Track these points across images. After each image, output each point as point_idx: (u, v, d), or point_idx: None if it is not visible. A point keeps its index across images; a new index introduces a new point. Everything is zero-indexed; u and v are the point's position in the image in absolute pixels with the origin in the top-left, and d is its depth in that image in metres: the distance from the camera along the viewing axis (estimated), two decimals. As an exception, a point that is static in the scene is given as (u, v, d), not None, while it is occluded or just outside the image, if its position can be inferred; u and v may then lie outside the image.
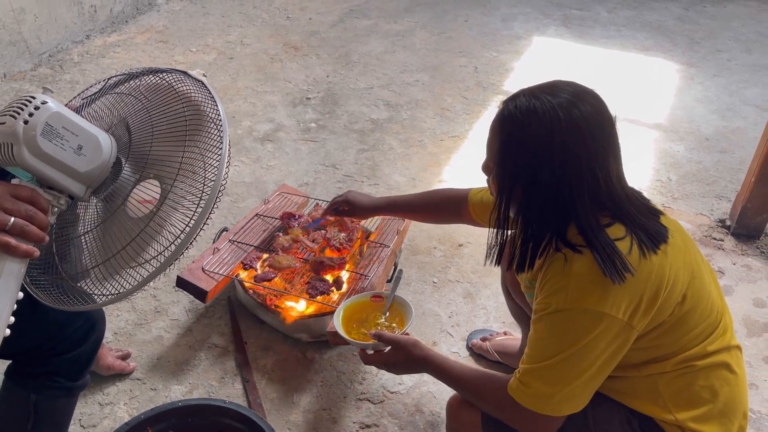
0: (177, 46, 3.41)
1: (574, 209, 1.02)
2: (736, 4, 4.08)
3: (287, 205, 2.05)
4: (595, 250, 1.00)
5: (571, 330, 1.02)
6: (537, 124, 1.00)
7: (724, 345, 1.12)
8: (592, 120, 1.00)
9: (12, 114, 0.90)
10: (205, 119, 1.08)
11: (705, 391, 1.09)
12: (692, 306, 1.06)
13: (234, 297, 1.92)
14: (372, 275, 1.75)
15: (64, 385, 1.31)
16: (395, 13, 3.87)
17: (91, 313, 1.32)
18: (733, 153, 2.65)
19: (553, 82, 1.07)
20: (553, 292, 1.04)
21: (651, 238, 1.03)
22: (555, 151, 1.00)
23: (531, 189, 1.04)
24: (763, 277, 2.09)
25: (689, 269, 1.07)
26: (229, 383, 1.71)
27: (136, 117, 1.11)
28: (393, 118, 2.88)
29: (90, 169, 0.99)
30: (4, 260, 0.90)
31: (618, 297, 0.99)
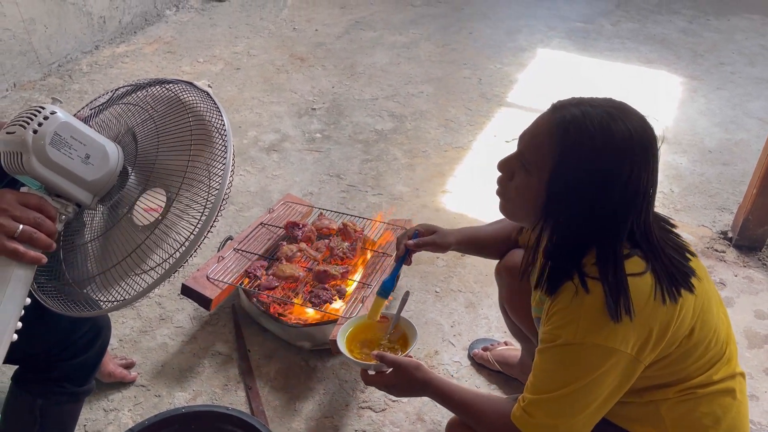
0: (185, 56, 3.45)
1: (606, 236, 1.00)
2: (739, 17, 4.10)
3: (292, 214, 2.07)
4: (606, 283, 0.98)
5: (579, 364, 1.01)
6: (612, 144, 0.97)
7: (728, 373, 1.11)
8: (654, 148, 0.99)
9: (21, 124, 0.92)
10: (210, 129, 1.09)
11: (707, 417, 1.09)
12: (699, 339, 1.06)
13: (238, 305, 1.94)
14: (374, 284, 1.77)
15: (70, 390, 1.32)
16: (400, 25, 3.91)
17: (97, 320, 1.33)
18: (736, 165, 2.66)
19: (618, 101, 1.04)
20: (563, 325, 1.02)
21: (674, 282, 1.00)
22: (623, 173, 0.96)
23: (585, 211, 1.00)
24: (764, 289, 2.09)
25: (699, 302, 1.05)
26: (233, 390, 1.73)
27: (142, 127, 1.13)
28: (397, 128, 2.91)
29: (97, 177, 1.01)
30: (12, 267, 0.92)
31: (627, 332, 0.98)
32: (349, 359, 1.32)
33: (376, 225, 2.03)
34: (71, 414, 1.39)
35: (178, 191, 1.06)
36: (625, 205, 0.98)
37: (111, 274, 1.10)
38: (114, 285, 1.10)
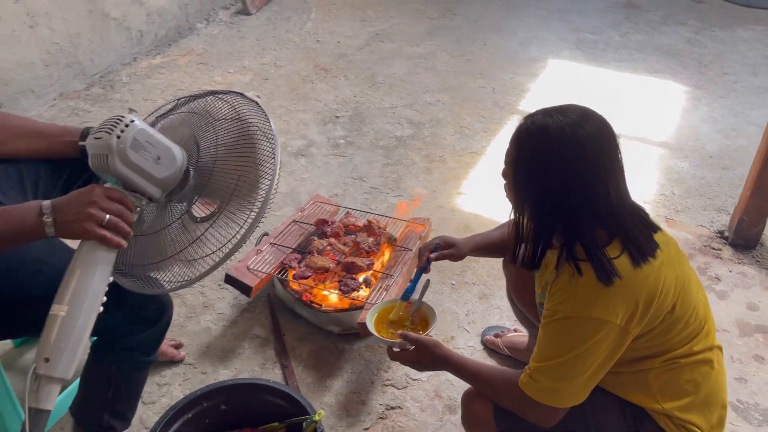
0: (216, 67, 3.68)
1: (579, 221, 1.18)
2: (744, 28, 4.25)
3: (321, 212, 2.28)
4: (594, 261, 1.16)
5: (576, 335, 1.18)
6: (547, 140, 1.16)
7: (707, 346, 1.29)
8: (596, 140, 1.15)
9: (107, 131, 1.10)
10: (259, 136, 1.26)
11: (689, 384, 1.26)
12: (680, 314, 1.22)
13: (273, 294, 2.15)
14: (397, 274, 1.97)
15: (139, 359, 1.49)
16: (418, 37, 4.11)
17: (162, 300, 1.47)
18: (735, 169, 2.83)
19: (568, 104, 1.22)
20: (562, 301, 1.20)
21: (639, 252, 1.17)
22: (561, 164, 1.15)
23: (540, 197, 1.20)
24: (756, 284, 2.26)
25: (680, 282, 1.22)
26: (270, 369, 1.93)
27: (202, 132, 1.30)
28: (416, 135, 3.10)
29: (166, 176, 1.17)
30: (101, 250, 1.09)
31: (617, 306, 1.15)
32: (377, 338, 1.51)
33: (397, 223, 2.23)
34: (139, 380, 1.56)
35: (231, 193, 1.23)
36: (575, 188, 1.15)
37: (173, 260, 1.28)
38: (173, 269, 1.28)
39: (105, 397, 1.49)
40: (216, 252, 1.28)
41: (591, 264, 1.17)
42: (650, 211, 2.46)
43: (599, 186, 1.16)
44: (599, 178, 1.16)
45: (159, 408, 1.81)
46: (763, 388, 1.88)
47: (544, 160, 1.17)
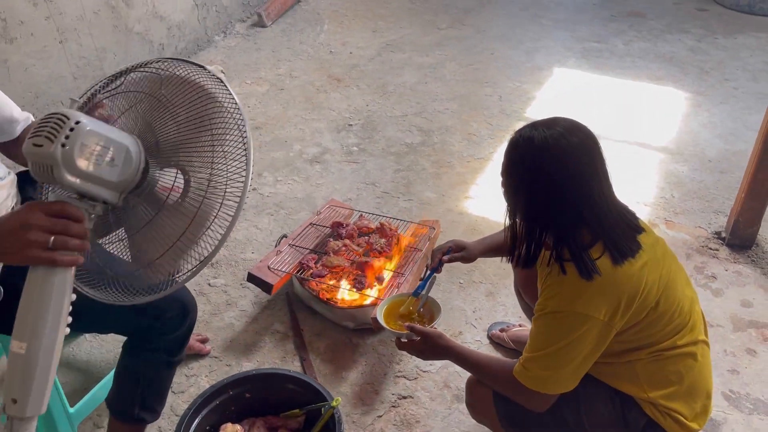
0: (234, 78, 3.84)
1: (564, 225, 1.30)
2: (746, 35, 4.35)
3: (336, 216, 2.42)
4: (576, 264, 1.28)
5: (562, 328, 1.31)
6: (532, 151, 1.28)
7: (692, 340, 1.40)
8: (578, 150, 1.27)
9: (48, 136, 0.94)
10: (223, 112, 1.13)
11: (673, 375, 1.38)
12: (664, 310, 1.34)
13: (292, 292, 2.29)
14: (407, 273, 2.10)
15: (166, 359, 1.58)
16: (427, 47, 4.25)
17: (185, 304, 1.53)
18: (733, 173, 2.93)
19: (554, 117, 1.34)
20: (550, 297, 1.33)
21: (620, 252, 1.29)
22: (546, 173, 1.28)
23: (528, 203, 1.34)
24: (751, 282, 2.37)
25: (664, 281, 1.34)
26: (290, 362, 2.07)
27: (157, 113, 1.14)
28: (425, 142, 3.24)
29: (122, 178, 1.04)
30: (53, 276, 0.98)
31: (599, 302, 1.28)
32: (386, 329, 1.64)
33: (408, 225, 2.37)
34: (167, 377, 1.66)
35: (210, 172, 1.09)
36: (558, 194, 1.27)
37: (170, 255, 1.13)
38: (173, 264, 1.14)
39: (135, 392, 1.59)
40: (199, 258, 1.16)
41: (574, 263, 1.29)
42: (650, 214, 2.62)
43: (582, 192, 1.27)
44: (582, 186, 1.27)
45: (187, 397, 1.95)
46: (754, 379, 1.99)
47: (531, 170, 1.30)
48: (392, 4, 4.94)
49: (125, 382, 1.63)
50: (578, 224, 1.31)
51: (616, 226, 1.32)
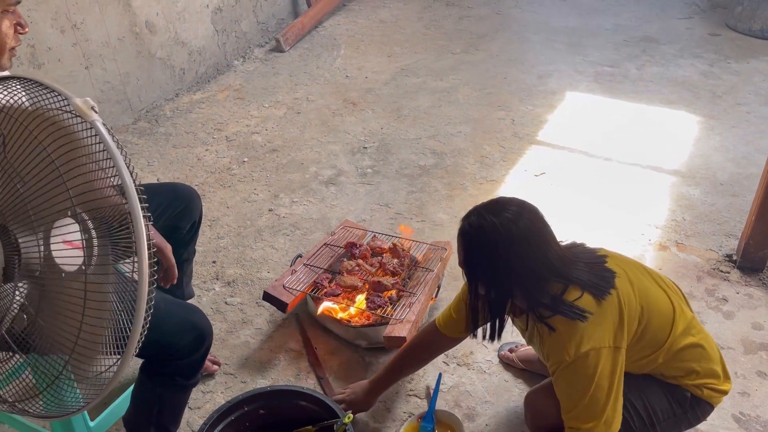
0: (252, 102, 3.94)
1: (530, 291, 1.39)
2: (759, 60, 4.38)
3: (350, 236, 2.48)
4: (560, 312, 1.38)
5: (584, 373, 1.39)
6: (484, 240, 1.37)
7: (685, 325, 1.51)
8: (526, 231, 1.36)
9: None
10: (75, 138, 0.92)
11: (693, 362, 1.53)
12: (650, 310, 1.45)
13: (304, 312, 2.33)
14: (419, 293, 2.15)
15: (181, 383, 1.62)
16: (441, 71, 4.33)
17: (202, 329, 1.58)
18: (745, 197, 2.95)
19: (498, 200, 1.44)
20: (556, 354, 1.41)
21: (599, 290, 1.40)
22: (499, 258, 1.37)
23: (488, 284, 1.43)
24: (762, 305, 2.38)
25: (636, 289, 1.45)
26: (303, 379, 2.11)
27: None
28: (438, 164, 3.30)
29: None
30: None
31: (601, 332, 1.38)
32: None
33: (420, 245, 2.42)
34: (181, 400, 1.72)
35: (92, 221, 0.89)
36: (518, 271, 1.37)
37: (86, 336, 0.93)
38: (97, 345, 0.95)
39: (151, 413, 1.64)
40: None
41: (559, 314, 1.38)
42: (661, 236, 2.66)
43: (538, 263, 1.37)
44: (537, 258, 1.37)
45: (203, 413, 2.00)
46: (764, 402, 1.99)
47: (488, 257, 1.39)
48: (407, 30, 5.04)
49: (141, 403, 1.68)
50: (544, 284, 1.40)
51: (581, 270, 1.42)
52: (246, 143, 3.51)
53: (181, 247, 1.91)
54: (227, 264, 2.62)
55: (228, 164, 3.32)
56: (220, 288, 2.50)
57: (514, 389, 2.06)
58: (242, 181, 3.18)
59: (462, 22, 5.19)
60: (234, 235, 2.80)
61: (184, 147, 3.48)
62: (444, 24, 5.15)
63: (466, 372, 2.13)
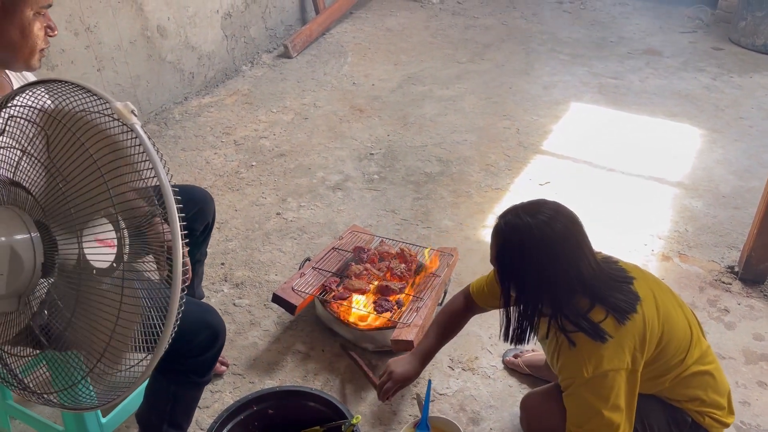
0: (260, 107, 3.98)
1: (558, 301, 1.40)
2: (761, 74, 4.43)
3: (357, 241, 2.51)
4: (583, 330, 1.39)
5: (598, 394, 1.40)
6: (518, 240, 1.39)
7: (701, 353, 1.52)
8: (562, 236, 1.37)
9: None
10: (121, 149, 0.93)
11: (699, 389, 1.52)
12: (669, 337, 1.46)
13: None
14: (426, 298, 2.18)
15: (194, 380, 1.65)
16: (447, 80, 4.38)
17: (215, 328, 1.60)
18: (747, 209, 2.99)
19: (537, 202, 1.44)
20: (574, 370, 1.42)
21: (621, 313, 1.40)
22: (533, 260, 1.38)
23: (519, 285, 1.44)
24: (764, 316, 2.41)
25: (661, 311, 1.46)
26: (310, 380, 2.14)
27: (35, 171, 0.97)
28: (444, 172, 3.34)
29: (13, 287, 0.88)
30: None
31: (621, 353, 1.39)
32: None
33: (427, 251, 2.45)
34: (194, 397, 1.75)
35: (123, 218, 0.92)
36: (549, 277, 1.37)
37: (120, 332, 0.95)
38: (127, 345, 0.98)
39: (164, 410, 1.67)
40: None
41: (581, 330, 1.39)
42: (664, 247, 2.69)
43: (571, 271, 1.37)
44: (570, 266, 1.37)
45: (212, 412, 2.03)
46: (764, 411, 2.03)
47: (521, 257, 1.40)
48: (413, 38, 5.09)
49: (155, 399, 1.70)
50: (572, 296, 1.40)
51: (610, 290, 1.42)
52: (254, 147, 3.55)
53: (194, 248, 1.95)
54: (236, 266, 2.66)
55: (236, 168, 3.36)
56: (228, 290, 2.53)
57: (518, 394, 2.09)
58: (250, 185, 3.21)
59: (468, 31, 5.24)
60: (242, 237, 2.83)
61: (193, 150, 3.52)
62: (450, 33, 5.21)
63: (471, 377, 2.16)
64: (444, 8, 5.74)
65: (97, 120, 0.88)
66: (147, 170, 0.86)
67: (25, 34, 1.32)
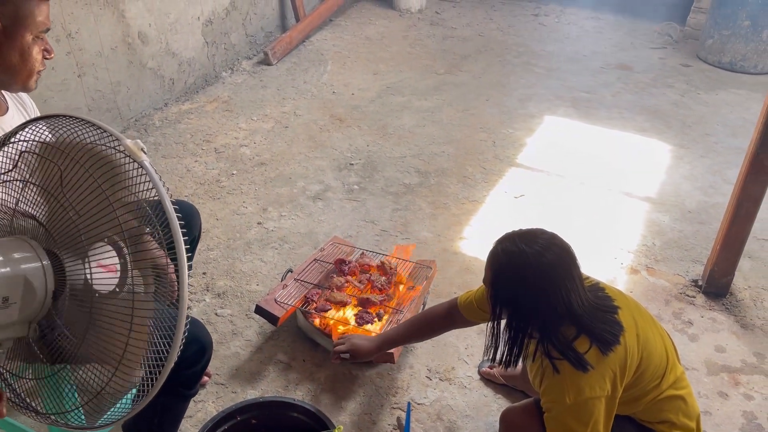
0: (240, 115, 4.01)
1: (546, 327, 1.47)
2: (727, 92, 4.61)
3: (339, 252, 2.57)
4: (567, 358, 1.46)
5: (578, 419, 1.47)
6: (514, 267, 1.46)
7: (675, 377, 1.60)
8: (554, 266, 1.43)
9: None
10: (118, 166, 0.97)
11: (670, 413, 1.59)
12: (647, 364, 1.54)
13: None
14: (406, 310, 2.25)
15: (182, 393, 1.68)
16: (426, 91, 4.46)
17: (203, 342, 1.62)
18: (711, 224, 3.12)
19: (534, 231, 1.51)
20: (556, 393, 1.48)
21: (605, 344, 1.47)
22: (526, 287, 1.46)
23: (510, 309, 1.51)
24: (725, 329, 2.53)
25: (641, 339, 1.54)
26: (292, 390, 2.19)
27: (48, 205, 1.00)
28: (422, 183, 3.41)
29: (26, 313, 0.91)
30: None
31: (601, 382, 1.46)
32: None
33: (407, 265, 2.52)
34: (181, 409, 1.80)
35: (128, 244, 0.96)
36: (540, 304, 1.45)
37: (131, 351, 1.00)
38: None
39: (152, 422, 1.71)
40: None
41: (565, 359, 1.47)
42: (633, 260, 2.80)
43: (561, 300, 1.44)
44: (560, 295, 1.44)
45: (195, 422, 2.06)
46: (725, 421, 2.14)
47: (515, 284, 1.47)
48: (392, 48, 5.17)
49: (143, 414, 1.74)
50: (560, 324, 1.48)
51: (596, 321, 1.50)
52: (234, 156, 3.58)
53: None
54: (217, 275, 2.69)
55: (217, 176, 3.39)
56: (210, 299, 2.57)
57: (493, 404, 2.17)
58: (231, 194, 3.25)
59: (445, 42, 5.34)
60: (224, 247, 2.87)
61: (174, 157, 3.54)
62: (428, 43, 5.30)
63: (448, 387, 2.23)
64: (422, 18, 5.84)
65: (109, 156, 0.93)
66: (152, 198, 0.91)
67: (24, 57, 1.35)
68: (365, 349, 1.96)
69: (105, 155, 0.93)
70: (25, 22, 1.33)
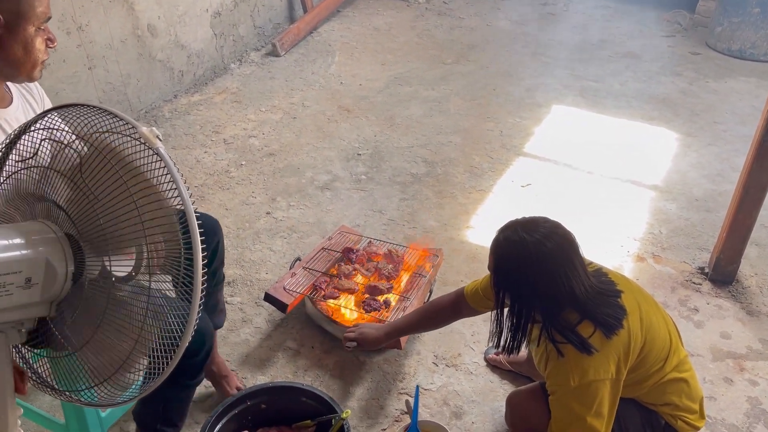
0: (249, 106, 4.04)
1: (549, 313, 1.51)
2: (736, 80, 4.58)
3: (346, 241, 2.60)
4: (571, 342, 1.49)
5: (583, 402, 1.50)
6: (515, 255, 1.49)
7: (678, 361, 1.63)
8: (555, 254, 1.46)
9: None
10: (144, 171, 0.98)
11: (674, 395, 1.63)
12: (651, 347, 1.57)
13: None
14: (413, 297, 2.28)
15: (186, 382, 1.71)
16: (433, 81, 4.47)
17: (204, 333, 1.61)
18: (718, 212, 3.12)
19: (536, 220, 1.54)
20: (561, 377, 1.52)
21: (608, 328, 1.50)
22: (527, 275, 1.49)
23: (513, 296, 1.54)
24: (730, 315, 2.55)
25: (645, 323, 1.56)
26: (301, 376, 2.23)
27: (69, 194, 1.02)
28: (429, 173, 3.43)
29: (47, 294, 0.94)
30: None
31: (604, 365, 1.49)
32: None
33: (414, 252, 2.55)
34: (187, 397, 1.80)
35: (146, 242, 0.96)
36: (541, 290, 1.47)
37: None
38: None
39: (158, 409, 1.75)
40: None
41: (569, 342, 1.49)
42: (639, 248, 2.82)
43: (563, 287, 1.47)
44: (562, 282, 1.47)
45: (206, 407, 2.11)
46: (729, 406, 2.16)
47: (516, 271, 1.50)
48: (400, 38, 5.17)
49: (150, 399, 1.73)
50: (563, 310, 1.51)
51: (600, 305, 1.52)
52: (243, 146, 3.62)
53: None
54: (227, 264, 2.72)
55: (226, 167, 3.43)
56: (220, 288, 2.61)
57: (500, 390, 2.20)
58: (240, 184, 3.28)
59: (453, 32, 5.34)
60: (233, 236, 2.91)
61: (183, 148, 3.58)
62: (436, 33, 5.30)
63: (455, 373, 2.26)
64: (430, 8, 5.83)
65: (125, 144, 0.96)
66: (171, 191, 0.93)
67: (28, 49, 1.37)
68: (373, 337, 2.00)
69: (123, 144, 0.96)
70: (26, 15, 1.34)
